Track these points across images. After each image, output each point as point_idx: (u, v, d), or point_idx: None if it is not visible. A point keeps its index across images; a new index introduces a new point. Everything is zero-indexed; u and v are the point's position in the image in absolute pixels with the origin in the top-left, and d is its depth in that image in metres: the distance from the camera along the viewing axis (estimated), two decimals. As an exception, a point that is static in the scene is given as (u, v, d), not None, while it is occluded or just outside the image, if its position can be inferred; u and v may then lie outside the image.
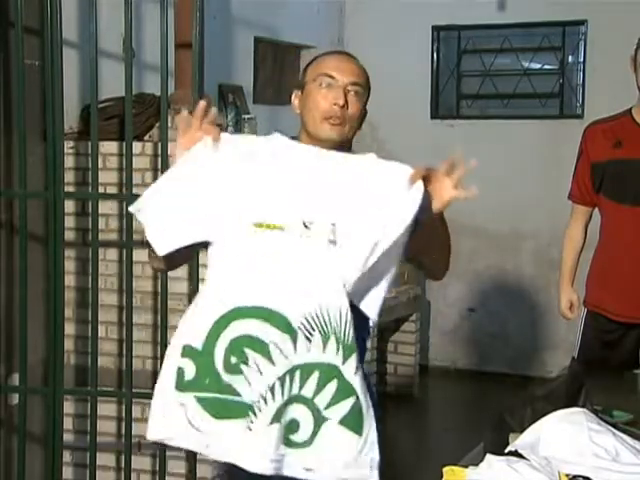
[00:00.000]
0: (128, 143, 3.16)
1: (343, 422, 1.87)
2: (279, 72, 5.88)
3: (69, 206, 3.54)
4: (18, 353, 3.29)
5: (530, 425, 1.88)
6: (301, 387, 1.87)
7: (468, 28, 6.13)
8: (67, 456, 3.63)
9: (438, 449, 4.38)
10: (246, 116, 4.18)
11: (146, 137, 3.81)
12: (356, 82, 2.10)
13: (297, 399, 1.87)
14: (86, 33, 3.20)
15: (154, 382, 1.93)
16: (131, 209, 1.95)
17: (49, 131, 3.17)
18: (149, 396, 1.87)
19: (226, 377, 1.87)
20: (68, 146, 3.64)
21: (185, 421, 1.88)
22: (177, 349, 1.90)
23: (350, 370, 1.87)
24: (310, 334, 1.86)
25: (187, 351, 1.88)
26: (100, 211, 3.29)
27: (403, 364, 5.66)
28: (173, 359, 1.90)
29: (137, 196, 1.96)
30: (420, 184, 1.87)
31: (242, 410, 1.87)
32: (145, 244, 1.98)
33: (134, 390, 3.23)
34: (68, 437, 3.59)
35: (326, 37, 6.00)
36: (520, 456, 1.78)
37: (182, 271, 3.60)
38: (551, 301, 4.88)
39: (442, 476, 1.78)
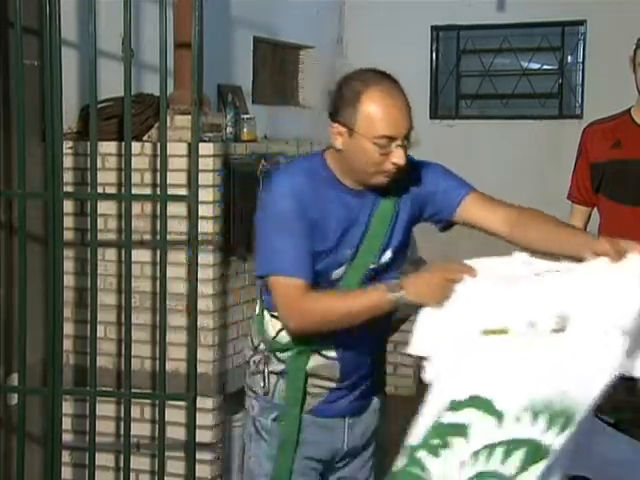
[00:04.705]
0: (127, 143, 3.15)
1: None
2: (278, 72, 5.87)
3: (68, 206, 3.54)
4: (17, 353, 3.29)
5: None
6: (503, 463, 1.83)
7: (467, 28, 6.13)
8: (66, 456, 3.63)
9: (437, 449, 4.35)
10: (245, 116, 4.17)
11: (145, 137, 3.81)
12: (408, 132, 2.04)
13: (493, 475, 1.84)
14: (85, 33, 3.20)
15: (153, 382, 1.92)
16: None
17: (48, 131, 3.16)
18: (148, 396, 1.86)
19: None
20: (67, 146, 3.64)
21: None
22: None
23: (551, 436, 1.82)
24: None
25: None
26: (99, 211, 3.28)
27: (403, 364, 5.66)
28: None
29: (136, 196, 1.95)
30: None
31: None
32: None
33: (133, 390, 3.22)
34: (67, 437, 3.59)
35: (326, 37, 5.99)
36: None
37: (180, 271, 3.60)
38: (550, 301, 4.86)
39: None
